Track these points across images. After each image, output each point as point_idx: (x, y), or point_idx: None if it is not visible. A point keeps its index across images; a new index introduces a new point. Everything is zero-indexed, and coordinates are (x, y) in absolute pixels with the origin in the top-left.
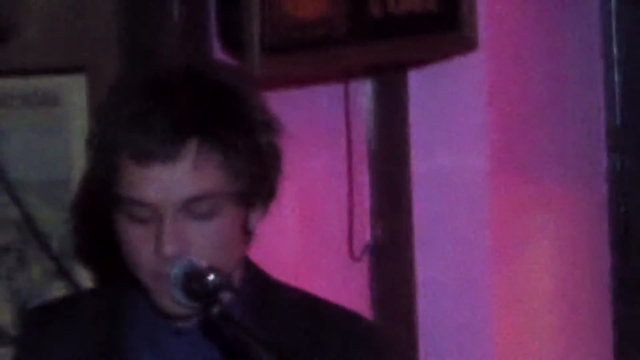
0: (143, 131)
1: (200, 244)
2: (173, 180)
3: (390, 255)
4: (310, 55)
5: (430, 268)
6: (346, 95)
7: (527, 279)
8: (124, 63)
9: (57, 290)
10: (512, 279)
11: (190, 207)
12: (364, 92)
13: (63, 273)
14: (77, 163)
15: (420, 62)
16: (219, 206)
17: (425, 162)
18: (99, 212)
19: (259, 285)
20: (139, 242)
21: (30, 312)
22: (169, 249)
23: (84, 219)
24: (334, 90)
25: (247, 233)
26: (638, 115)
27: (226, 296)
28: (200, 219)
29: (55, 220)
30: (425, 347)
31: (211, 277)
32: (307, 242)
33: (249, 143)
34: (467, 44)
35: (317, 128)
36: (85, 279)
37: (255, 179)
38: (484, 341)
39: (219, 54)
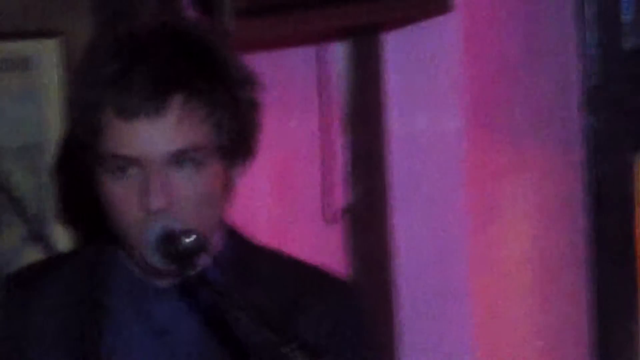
0: (127, 87)
1: (184, 198)
2: (159, 134)
3: (366, 218)
4: (282, 18)
5: (406, 231)
6: (319, 58)
7: (503, 240)
8: (97, 27)
9: (33, 255)
10: (488, 240)
11: (176, 161)
12: (337, 54)
13: (38, 237)
14: (51, 127)
15: (394, 24)
16: (203, 160)
17: (400, 125)
18: (80, 172)
19: (239, 249)
20: (124, 198)
21: (10, 277)
22: (155, 202)
23: (64, 180)
24: (307, 53)
25: (227, 190)
26: (612, 76)
27: (204, 259)
28: (185, 173)
29: (29, 185)
30: (402, 309)
31: (187, 239)
32: (282, 206)
33: (231, 98)
34: (442, 6)
35: (290, 91)
36: (61, 242)
37: (237, 134)
38: (461, 303)
39: (192, 17)
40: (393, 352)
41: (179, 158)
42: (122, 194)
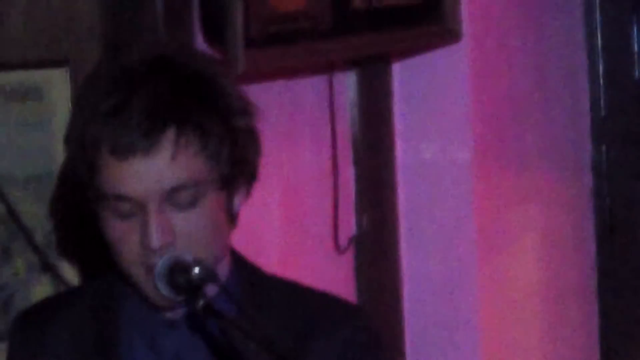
0: (121, 124)
1: (187, 232)
2: (154, 172)
3: (376, 247)
4: (294, 48)
5: (415, 260)
6: (330, 87)
7: (513, 271)
8: (106, 56)
9: (43, 285)
10: (497, 270)
11: (173, 197)
12: (347, 84)
13: (48, 267)
14: (61, 157)
15: (404, 54)
16: (201, 193)
17: (410, 154)
18: (80, 208)
19: (247, 278)
20: (124, 236)
21: (20, 316)
22: (156, 240)
23: (64, 215)
24: (318, 82)
25: (231, 217)
26: (622, 105)
27: (212, 289)
28: (184, 207)
29: (39, 214)
30: (411, 339)
31: (196, 270)
32: (292, 235)
33: (226, 127)
34: (450, 35)
35: (301, 120)
36: (70, 273)
37: (235, 163)
38: (470, 333)
39: (203, 47)
40: None
41: (175, 194)
42: (122, 232)
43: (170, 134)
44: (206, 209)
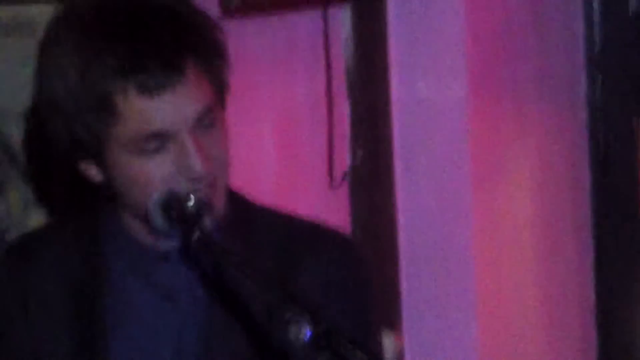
0: (141, 67)
1: (217, 156)
2: (182, 101)
3: (370, 181)
4: None
5: (410, 194)
6: (325, 23)
7: (507, 205)
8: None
9: (37, 219)
10: (492, 204)
11: (200, 124)
12: (342, 19)
13: (42, 202)
14: None
15: None
16: (216, 116)
17: (405, 89)
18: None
19: (239, 209)
20: (151, 174)
21: (9, 247)
22: (199, 164)
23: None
24: (313, 17)
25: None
26: (617, 40)
27: (208, 221)
28: (208, 134)
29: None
30: (405, 271)
31: (190, 202)
32: (286, 169)
33: (219, 51)
34: None
35: (295, 55)
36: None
37: (225, 81)
38: (464, 266)
39: None
40: (396, 312)
41: (202, 121)
42: (152, 170)
43: (190, 64)
44: (221, 131)
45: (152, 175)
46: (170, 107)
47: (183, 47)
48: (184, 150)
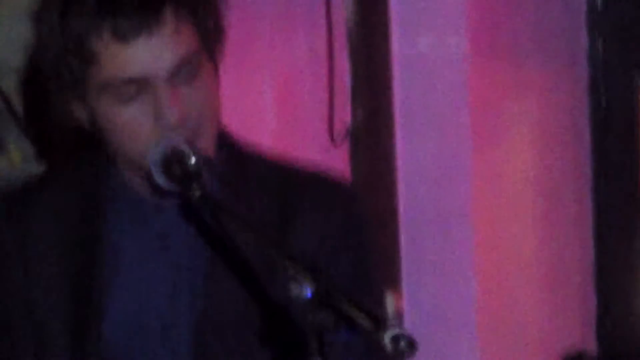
0: (118, 10)
1: (196, 105)
2: (159, 48)
3: (371, 138)
4: None
5: (410, 151)
6: None
7: (507, 163)
8: None
9: (37, 173)
10: (492, 162)
11: (179, 71)
12: None
13: (43, 156)
14: None
15: None
16: (200, 65)
17: (405, 45)
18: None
19: (232, 153)
20: (132, 121)
21: (4, 196)
22: (173, 115)
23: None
24: None
25: (219, 87)
26: None
27: (205, 176)
28: (189, 81)
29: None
30: (405, 229)
31: (192, 159)
32: (287, 126)
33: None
34: None
35: (296, 11)
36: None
37: (216, 31)
38: (464, 224)
39: None
40: (396, 270)
41: (180, 69)
42: (129, 118)
43: (169, 9)
44: (205, 81)
45: (130, 122)
46: (145, 54)
47: None
48: (158, 99)
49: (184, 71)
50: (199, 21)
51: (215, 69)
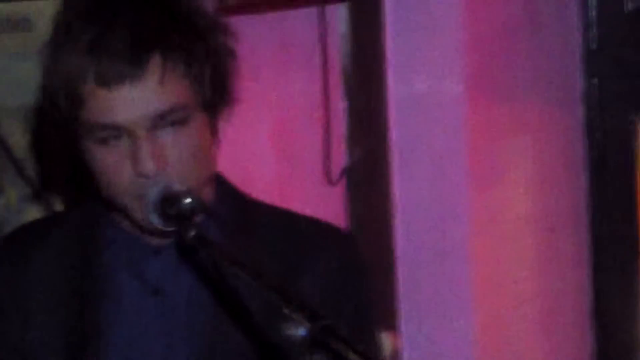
0: (104, 54)
1: (177, 156)
2: (143, 98)
3: (367, 178)
4: None
5: (407, 191)
6: (321, 19)
7: (504, 202)
8: None
9: (34, 215)
10: (488, 202)
11: (162, 121)
12: (339, 16)
13: (39, 197)
14: None
15: None
16: (188, 117)
17: (402, 86)
18: (62, 140)
19: (234, 204)
20: (114, 165)
21: (5, 238)
22: (147, 166)
23: (47, 146)
24: (309, 15)
25: (215, 139)
26: (613, 38)
27: (201, 218)
28: (172, 133)
29: (29, 145)
30: (401, 270)
31: (186, 200)
32: (284, 167)
33: (207, 49)
34: None
35: (292, 52)
36: (59, 203)
37: (216, 83)
38: (461, 264)
39: None
40: (392, 311)
41: (164, 119)
42: (112, 162)
43: (156, 59)
44: (193, 132)
45: (112, 165)
46: (126, 102)
47: (151, 37)
48: (137, 148)
49: (169, 120)
50: (192, 72)
51: (212, 119)
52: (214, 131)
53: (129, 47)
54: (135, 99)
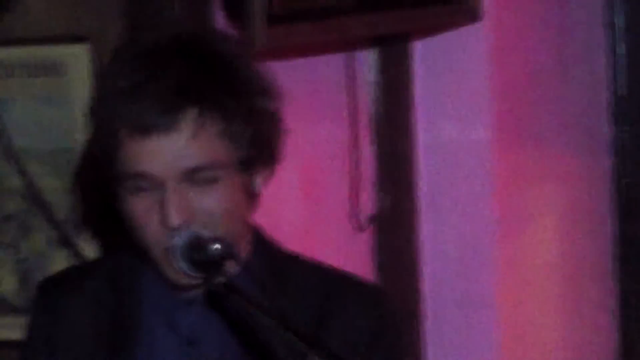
0: (141, 103)
1: (205, 212)
2: (174, 150)
3: (395, 226)
4: (315, 25)
5: (435, 239)
6: (350, 65)
7: (532, 250)
8: (127, 32)
9: (61, 260)
10: (516, 250)
11: (193, 176)
12: (367, 62)
13: (67, 242)
14: (80, 132)
15: (424, 33)
16: (221, 174)
17: (430, 133)
18: (101, 185)
19: (269, 257)
20: (144, 214)
21: (39, 285)
22: (174, 219)
23: (86, 191)
24: (338, 60)
25: (251, 198)
26: None
27: (232, 266)
28: (202, 188)
29: (58, 189)
30: (428, 318)
31: (215, 246)
32: (312, 214)
33: (247, 109)
34: (471, 15)
35: (320, 98)
36: (89, 248)
37: (256, 145)
38: (489, 312)
39: (223, 24)
40: (419, 358)
41: (195, 175)
42: (142, 210)
43: (191, 114)
44: (225, 190)
45: (141, 215)
46: (157, 152)
47: (189, 91)
48: (164, 200)
49: (201, 176)
50: (231, 131)
51: (249, 179)
52: (250, 190)
53: (163, 98)
54: (165, 150)
